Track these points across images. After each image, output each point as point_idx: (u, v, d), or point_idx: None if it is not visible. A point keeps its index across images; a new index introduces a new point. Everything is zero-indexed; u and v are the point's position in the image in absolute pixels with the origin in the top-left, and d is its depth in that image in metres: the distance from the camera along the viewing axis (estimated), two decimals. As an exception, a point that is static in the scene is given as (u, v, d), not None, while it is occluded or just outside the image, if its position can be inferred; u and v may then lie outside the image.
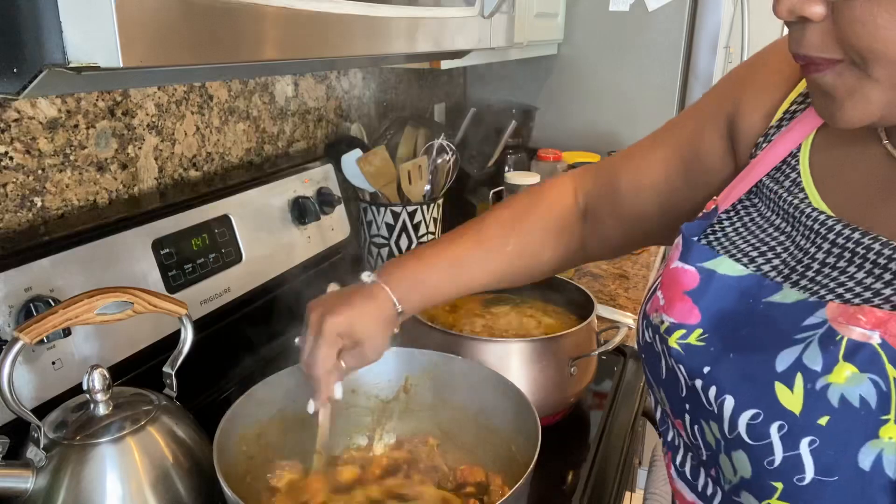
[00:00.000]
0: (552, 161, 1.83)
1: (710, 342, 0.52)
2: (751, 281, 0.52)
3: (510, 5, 1.00)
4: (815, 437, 0.44)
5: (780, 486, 0.46)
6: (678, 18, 1.85)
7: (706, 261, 0.55)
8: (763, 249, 0.55)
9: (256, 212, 1.04)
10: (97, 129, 0.89)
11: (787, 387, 0.46)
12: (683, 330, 0.54)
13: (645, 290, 1.43)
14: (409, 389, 0.80)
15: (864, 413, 0.43)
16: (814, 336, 0.46)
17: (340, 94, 1.44)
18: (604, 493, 0.81)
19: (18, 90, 0.40)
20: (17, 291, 0.70)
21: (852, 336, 0.44)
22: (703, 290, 0.54)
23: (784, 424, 0.45)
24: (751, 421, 0.47)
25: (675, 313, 0.55)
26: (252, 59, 0.51)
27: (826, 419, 0.44)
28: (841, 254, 0.49)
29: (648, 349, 0.59)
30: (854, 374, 0.43)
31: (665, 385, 0.57)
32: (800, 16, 0.45)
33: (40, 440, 0.60)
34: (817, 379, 0.45)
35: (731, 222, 0.59)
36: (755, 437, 0.47)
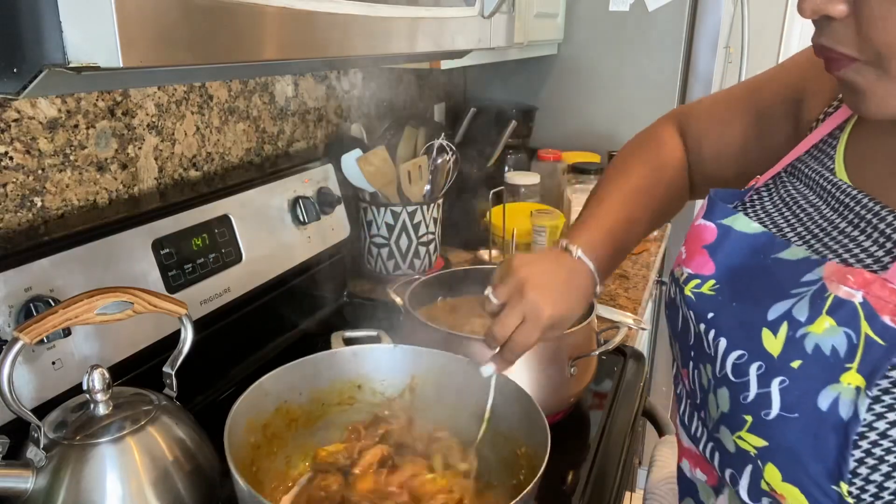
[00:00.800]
0: (552, 161, 1.83)
1: (720, 292, 0.57)
2: (763, 238, 0.57)
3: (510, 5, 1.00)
4: (786, 377, 0.49)
5: (749, 419, 0.51)
6: (678, 18, 1.85)
7: (725, 217, 0.60)
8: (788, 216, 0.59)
9: (256, 212, 1.04)
10: (97, 129, 0.89)
11: (773, 333, 0.50)
12: (698, 280, 0.59)
13: (645, 290, 1.44)
14: (415, 388, 0.80)
15: (833, 360, 0.47)
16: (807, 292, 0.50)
17: (340, 94, 1.44)
18: (604, 493, 0.81)
19: (18, 90, 0.40)
20: (17, 291, 0.70)
21: (839, 294, 0.48)
22: (719, 244, 0.59)
23: (762, 365, 0.50)
24: (736, 361, 0.52)
25: (693, 265, 0.60)
26: (252, 59, 0.51)
27: (798, 363, 0.48)
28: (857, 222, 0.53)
29: (671, 304, 0.65)
30: (832, 326, 0.47)
31: (679, 336, 0.62)
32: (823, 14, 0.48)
33: (40, 440, 0.60)
34: (799, 328, 0.49)
35: (770, 195, 0.63)
36: (737, 375, 0.52)
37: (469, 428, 0.76)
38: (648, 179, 0.79)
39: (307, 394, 0.76)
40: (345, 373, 0.79)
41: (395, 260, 1.36)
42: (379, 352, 0.80)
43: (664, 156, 0.82)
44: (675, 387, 0.68)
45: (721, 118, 0.79)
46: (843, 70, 0.50)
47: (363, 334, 0.91)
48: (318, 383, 0.77)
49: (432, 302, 1.05)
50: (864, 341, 0.46)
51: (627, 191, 0.78)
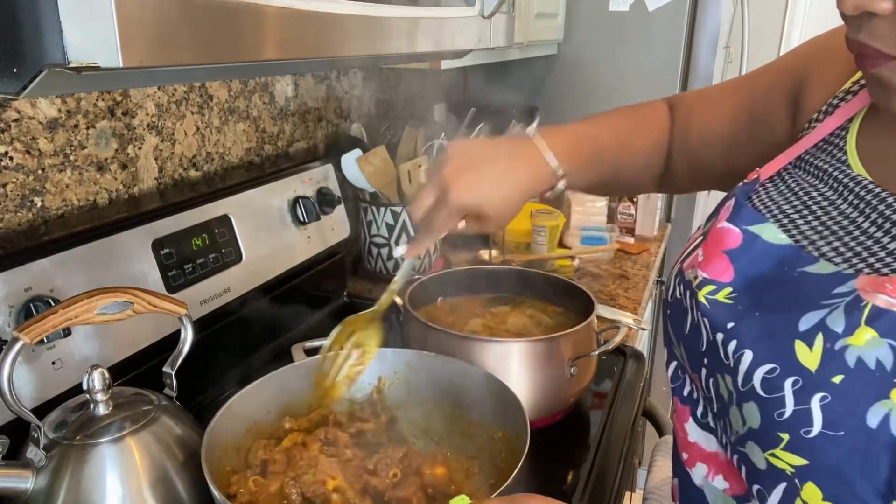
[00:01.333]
0: (552, 161, 1.82)
1: (739, 301, 0.54)
2: (789, 251, 0.54)
3: (510, 5, 1.00)
4: (828, 393, 0.46)
5: (786, 437, 0.47)
6: (678, 18, 1.85)
7: (752, 224, 0.57)
8: (805, 213, 0.56)
9: (256, 212, 1.04)
10: (97, 129, 0.89)
11: (807, 345, 0.47)
12: (714, 286, 0.56)
13: (645, 290, 1.43)
14: (381, 390, 0.80)
15: (879, 374, 0.44)
16: (841, 302, 0.47)
17: (340, 94, 1.44)
18: (604, 493, 0.81)
19: (18, 90, 0.40)
20: (17, 291, 0.70)
21: (877, 303, 0.45)
22: (742, 251, 0.56)
23: (799, 380, 0.47)
24: (766, 375, 0.49)
25: (711, 269, 0.57)
26: (252, 59, 0.51)
27: (840, 378, 0.45)
28: (882, 224, 0.51)
29: (676, 305, 0.62)
30: (874, 337, 0.45)
31: (686, 340, 0.60)
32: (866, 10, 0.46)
33: (40, 440, 0.60)
34: (837, 340, 0.46)
35: (776, 186, 0.61)
36: (768, 391, 0.49)
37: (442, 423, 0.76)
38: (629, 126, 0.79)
39: (275, 410, 0.75)
40: (311, 384, 0.77)
41: (395, 260, 1.36)
42: None
43: (651, 118, 0.81)
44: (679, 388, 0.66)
45: (712, 97, 0.79)
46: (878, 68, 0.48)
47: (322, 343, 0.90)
48: (284, 398, 0.76)
49: (432, 302, 1.06)
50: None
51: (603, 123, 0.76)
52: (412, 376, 0.79)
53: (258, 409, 0.73)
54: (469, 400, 0.76)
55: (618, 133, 0.77)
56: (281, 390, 0.75)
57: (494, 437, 0.73)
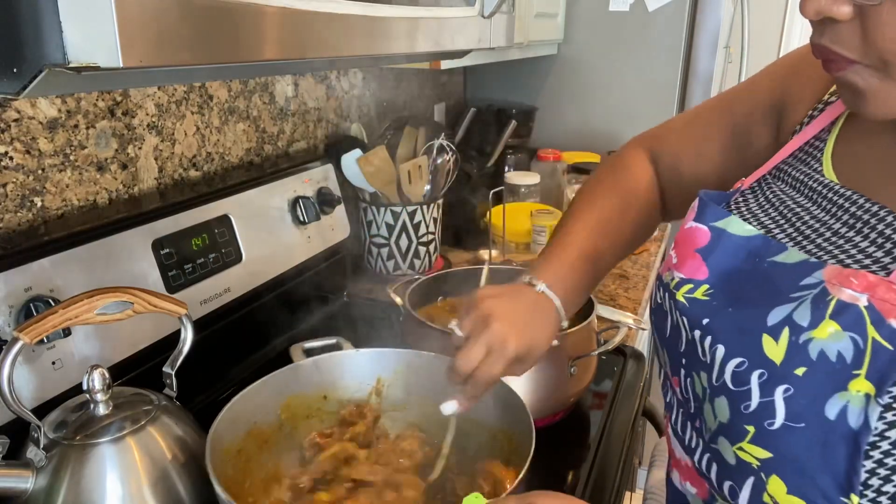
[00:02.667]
0: (552, 161, 1.82)
1: (714, 297, 0.55)
2: (758, 241, 0.55)
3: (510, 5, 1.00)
4: (790, 385, 0.47)
5: (751, 430, 0.49)
6: (678, 18, 1.85)
7: (717, 220, 0.58)
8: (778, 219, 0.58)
9: (256, 212, 1.04)
10: (97, 129, 0.89)
11: (773, 339, 0.49)
12: (691, 285, 0.57)
13: (645, 290, 1.43)
14: (381, 390, 0.80)
15: (839, 367, 0.45)
16: (808, 295, 0.49)
17: (340, 94, 1.44)
18: (604, 493, 0.81)
19: (18, 90, 0.40)
20: (17, 291, 0.70)
21: (842, 297, 0.47)
22: (712, 247, 0.57)
23: (764, 372, 0.48)
24: (736, 368, 0.50)
25: (685, 269, 0.58)
26: (252, 59, 0.51)
27: (803, 370, 0.47)
28: (853, 223, 0.52)
29: (658, 309, 0.62)
30: (836, 331, 0.46)
31: (668, 343, 0.61)
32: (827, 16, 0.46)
33: (40, 440, 0.60)
34: (801, 333, 0.47)
35: (754, 194, 0.62)
36: (737, 384, 0.50)
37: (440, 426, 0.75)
38: (616, 209, 0.78)
39: (274, 412, 0.74)
40: (310, 385, 0.77)
41: (395, 260, 1.36)
42: (341, 358, 0.79)
43: (632, 183, 0.80)
44: (665, 395, 0.67)
45: (697, 136, 0.78)
46: (843, 72, 0.49)
47: (322, 343, 0.90)
48: (283, 399, 0.75)
49: (432, 302, 1.05)
50: (872, 347, 0.44)
51: (593, 222, 0.76)
52: (411, 377, 0.79)
53: (257, 411, 0.73)
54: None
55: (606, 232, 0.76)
56: (280, 391, 0.75)
57: (496, 436, 0.73)
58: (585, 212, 0.77)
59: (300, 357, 0.86)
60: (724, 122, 0.75)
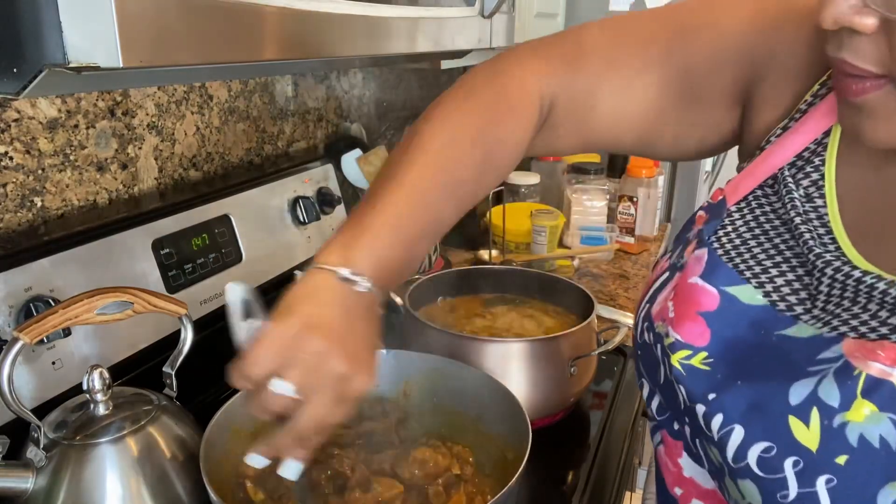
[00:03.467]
0: (552, 161, 1.83)
1: (716, 368, 0.50)
2: (763, 313, 0.49)
3: (510, 5, 1.00)
4: (833, 475, 0.43)
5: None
6: (678, 18, 1.85)
7: (730, 285, 0.51)
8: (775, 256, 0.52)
9: (256, 212, 1.04)
10: (97, 129, 0.89)
11: (803, 422, 0.44)
12: (689, 351, 0.51)
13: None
14: (408, 394, 0.80)
15: (885, 454, 0.41)
16: (829, 369, 0.44)
17: (340, 94, 1.44)
18: (604, 493, 0.81)
19: (18, 90, 0.40)
20: (17, 291, 0.70)
21: (871, 372, 0.42)
22: (720, 314, 0.51)
23: (799, 460, 0.44)
24: (763, 454, 0.45)
25: (685, 332, 0.52)
26: (252, 59, 0.51)
27: (844, 458, 0.42)
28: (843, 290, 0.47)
29: (646, 349, 0.56)
30: (873, 412, 0.42)
31: (662, 391, 0.55)
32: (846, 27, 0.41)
33: (40, 440, 0.60)
34: (835, 416, 0.43)
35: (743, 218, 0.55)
36: (767, 471, 0.45)
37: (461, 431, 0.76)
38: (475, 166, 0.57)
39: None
40: None
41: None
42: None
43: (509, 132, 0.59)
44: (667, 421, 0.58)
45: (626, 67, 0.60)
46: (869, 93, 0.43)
47: None
48: None
49: (432, 302, 1.05)
50: None
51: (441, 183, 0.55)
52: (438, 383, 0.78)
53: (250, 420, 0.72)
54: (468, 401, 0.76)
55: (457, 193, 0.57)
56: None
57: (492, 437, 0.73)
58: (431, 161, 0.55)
59: None
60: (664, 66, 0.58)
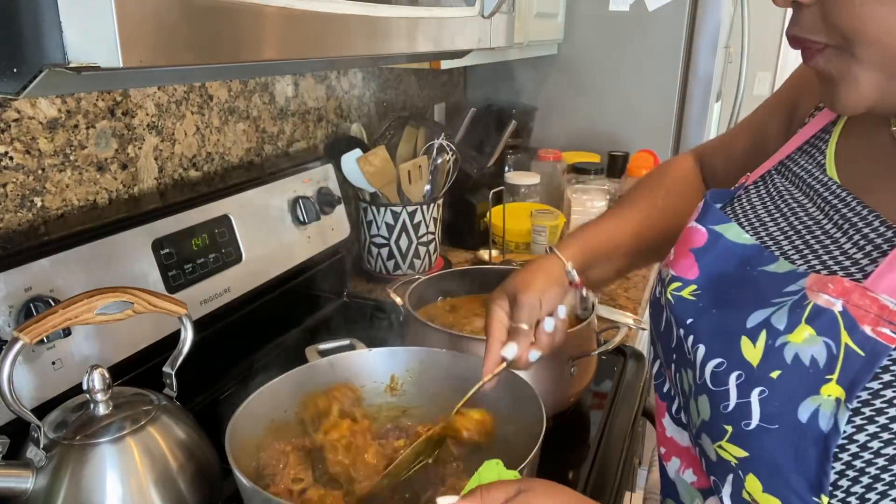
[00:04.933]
0: (552, 161, 1.83)
1: (701, 298, 0.57)
2: (752, 250, 0.56)
3: (510, 5, 1.00)
4: (766, 388, 0.48)
5: (729, 429, 0.50)
6: (678, 18, 1.85)
7: (717, 224, 0.59)
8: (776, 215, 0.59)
9: (256, 212, 1.04)
10: (97, 129, 0.89)
11: (752, 341, 0.50)
12: (680, 283, 0.59)
13: (645, 290, 1.43)
14: (395, 387, 0.80)
15: (812, 371, 0.46)
16: (788, 301, 0.50)
17: (340, 94, 1.44)
18: (604, 493, 0.81)
19: (18, 90, 0.40)
20: (17, 291, 0.70)
21: (818, 302, 0.47)
22: (707, 249, 0.59)
23: (742, 374, 0.50)
24: (715, 369, 0.52)
25: (678, 267, 0.60)
26: (252, 59, 0.51)
27: (778, 373, 0.48)
28: (842, 224, 0.53)
29: (655, 303, 0.64)
30: (811, 335, 0.47)
31: (662, 336, 0.62)
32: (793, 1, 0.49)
33: (40, 440, 0.60)
34: (778, 336, 0.48)
35: (757, 190, 0.63)
36: (716, 384, 0.51)
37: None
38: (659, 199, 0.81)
39: (291, 410, 0.75)
40: (325, 384, 0.77)
41: (395, 260, 1.36)
42: (355, 357, 0.80)
43: (676, 174, 0.84)
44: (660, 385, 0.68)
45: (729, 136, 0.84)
46: (815, 59, 0.50)
47: (336, 345, 0.91)
48: (299, 398, 0.75)
49: (432, 302, 1.05)
50: (844, 352, 0.45)
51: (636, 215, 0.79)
52: (424, 374, 0.80)
53: (276, 409, 0.73)
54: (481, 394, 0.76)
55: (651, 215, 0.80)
56: (297, 390, 0.75)
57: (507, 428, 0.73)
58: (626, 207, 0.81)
59: (315, 358, 0.87)
60: (751, 120, 0.79)
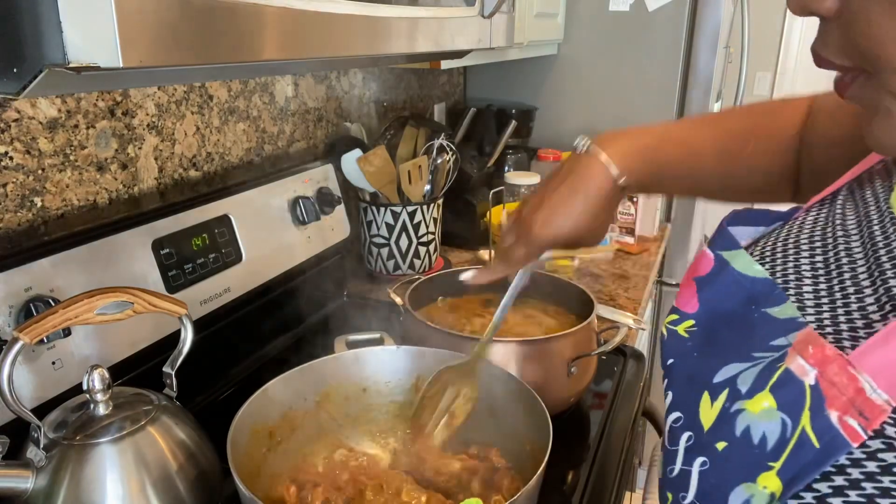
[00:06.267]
0: (552, 161, 1.83)
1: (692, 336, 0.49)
2: (763, 286, 0.47)
3: (510, 5, 1.00)
4: (707, 458, 0.42)
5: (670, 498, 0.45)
6: (678, 18, 1.85)
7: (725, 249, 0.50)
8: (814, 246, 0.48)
9: (256, 212, 1.04)
10: (97, 129, 0.89)
11: (711, 399, 0.43)
12: (677, 316, 0.51)
13: (645, 290, 1.44)
14: (420, 388, 0.80)
15: (758, 452, 0.39)
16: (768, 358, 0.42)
17: (340, 94, 1.44)
18: (604, 493, 0.81)
19: (18, 90, 0.40)
20: (17, 291, 0.70)
21: (791, 366, 0.40)
22: (710, 279, 0.50)
23: (692, 436, 0.44)
24: (673, 423, 0.47)
25: (680, 297, 0.52)
26: (252, 59, 0.51)
27: (723, 445, 0.41)
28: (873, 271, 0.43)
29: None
30: (770, 407, 0.40)
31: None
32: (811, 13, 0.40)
33: (40, 440, 0.60)
34: (737, 400, 0.42)
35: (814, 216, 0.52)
36: (671, 442, 0.46)
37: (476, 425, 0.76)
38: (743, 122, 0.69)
39: (312, 399, 0.76)
40: (349, 377, 0.78)
41: (395, 260, 1.36)
42: (382, 354, 0.80)
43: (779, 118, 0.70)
44: None
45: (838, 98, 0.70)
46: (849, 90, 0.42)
47: (366, 337, 0.91)
48: (322, 388, 0.76)
49: (432, 302, 1.06)
50: (798, 438, 0.38)
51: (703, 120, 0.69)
52: None
53: (295, 397, 0.74)
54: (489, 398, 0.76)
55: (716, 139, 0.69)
56: (319, 380, 0.76)
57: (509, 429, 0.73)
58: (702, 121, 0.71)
59: (343, 348, 0.87)
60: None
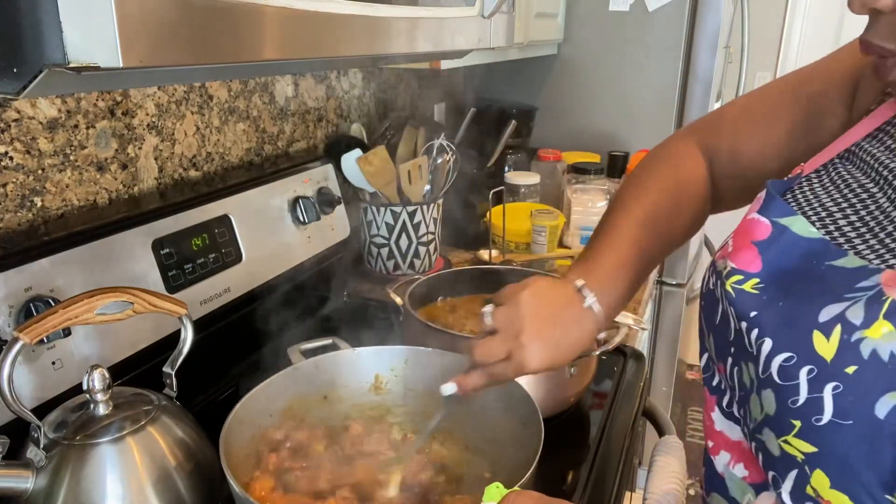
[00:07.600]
0: (552, 161, 1.82)
1: (764, 291, 0.55)
2: (819, 245, 0.54)
3: (510, 5, 1.00)
4: (840, 383, 0.47)
5: (798, 424, 0.49)
6: (678, 18, 1.85)
7: (782, 216, 0.57)
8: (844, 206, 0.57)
9: (256, 212, 1.04)
10: (97, 129, 0.89)
11: (825, 336, 0.48)
12: (741, 276, 0.57)
13: (645, 290, 1.43)
14: (380, 386, 0.80)
15: (891, 367, 0.45)
16: (863, 296, 0.48)
17: (340, 94, 1.44)
18: (604, 493, 0.81)
19: (18, 90, 0.40)
20: (17, 291, 0.70)
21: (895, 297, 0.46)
22: (771, 242, 0.57)
23: (814, 369, 0.48)
24: (784, 363, 0.50)
25: (739, 260, 0.58)
26: (252, 59, 0.51)
27: (853, 368, 0.46)
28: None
29: (709, 295, 0.63)
30: (890, 331, 0.45)
31: (716, 329, 0.61)
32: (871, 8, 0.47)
33: (40, 440, 0.60)
34: (854, 332, 0.47)
35: (820, 179, 0.61)
36: (785, 378, 0.50)
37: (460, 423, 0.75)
38: (666, 206, 0.75)
39: (277, 414, 0.74)
40: (309, 386, 0.78)
41: (395, 260, 1.36)
42: (340, 358, 0.80)
43: (683, 175, 0.77)
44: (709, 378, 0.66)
45: (763, 115, 0.75)
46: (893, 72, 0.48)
47: (319, 344, 0.90)
48: (283, 402, 0.75)
49: (432, 302, 1.06)
50: None
51: (643, 219, 0.74)
52: (409, 372, 0.80)
53: (261, 414, 0.73)
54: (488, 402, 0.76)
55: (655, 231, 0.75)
56: (282, 394, 0.75)
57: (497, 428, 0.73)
58: (634, 207, 0.75)
59: (300, 359, 0.86)
60: (792, 104, 0.72)
